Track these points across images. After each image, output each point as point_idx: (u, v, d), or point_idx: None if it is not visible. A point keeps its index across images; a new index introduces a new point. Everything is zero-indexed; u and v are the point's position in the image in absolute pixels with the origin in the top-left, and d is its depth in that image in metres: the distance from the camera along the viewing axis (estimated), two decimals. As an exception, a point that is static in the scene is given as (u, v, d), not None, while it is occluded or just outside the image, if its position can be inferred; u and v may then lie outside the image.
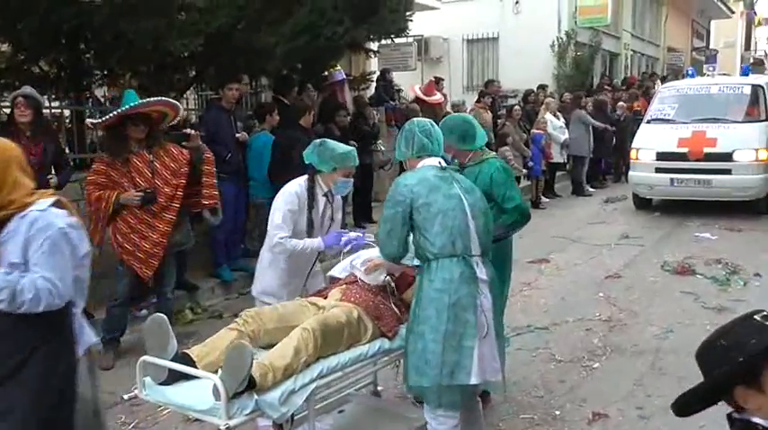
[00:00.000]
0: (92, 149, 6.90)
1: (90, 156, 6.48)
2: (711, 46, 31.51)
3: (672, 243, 8.39)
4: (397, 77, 12.31)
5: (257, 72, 8.33)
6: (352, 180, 3.82)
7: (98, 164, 4.89)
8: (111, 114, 4.80)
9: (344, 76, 9.43)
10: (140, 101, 4.73)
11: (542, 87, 13.58)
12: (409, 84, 11.56)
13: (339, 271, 3.67)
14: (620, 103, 13.52)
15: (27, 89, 5.31)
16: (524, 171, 10.68)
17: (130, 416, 4.14)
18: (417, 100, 9.57)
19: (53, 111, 6.88)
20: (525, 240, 6.85)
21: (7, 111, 6.93)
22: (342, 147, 3.77)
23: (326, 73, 9.20)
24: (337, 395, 3.67)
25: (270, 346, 2.95)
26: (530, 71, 15.58)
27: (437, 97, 9.71)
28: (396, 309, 3.30)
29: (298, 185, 3.77)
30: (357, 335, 3.09)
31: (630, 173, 10.63)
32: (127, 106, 4.69)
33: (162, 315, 2.91)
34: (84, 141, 6.84)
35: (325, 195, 3.83)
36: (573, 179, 12.39)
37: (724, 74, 13.92)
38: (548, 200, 11.42)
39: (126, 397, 2.94)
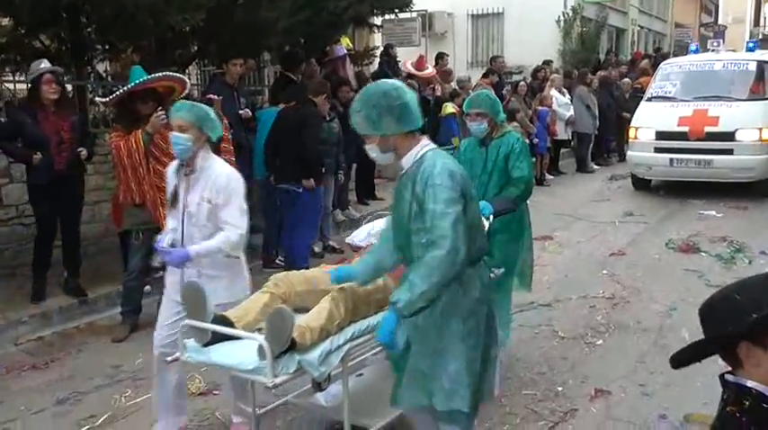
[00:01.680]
0: (95, 125, 6.86)
1: (94, 131, 6.47)
2: (720, 22, 31.13)
3: (676, 221, 8.35)
4: (401, 53, 12.19)
5: (259, 47, 8.25)
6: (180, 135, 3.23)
7: (116, 135, 4.94)
8: (119, 92, 4.79)
9: (346, 52, 9.34)
10: (147, 77, 4.73)
11: (547, 63, 13.44)
12: (420, 57, 11.44)
13: (360, 238, 3.80)
14: (625, 80, 13.37)
15: (47, 64, 5.29)
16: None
17: (135, 391, 4.16)
18: (410, 75, 9.53)
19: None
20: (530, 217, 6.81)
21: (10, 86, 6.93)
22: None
23: (327, 48, 9.12)
24: (357, 358, 3.73)
25: (300, 309, 3.07)
26: (535, 47, 15.41)
27: (428, 71, 9.69)
28: None
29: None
30: (384, 299, 3.06)
31: (629, 153, 10.32)
32: (135, 82, 4.69)
33: (196, 281, 3.06)
34: (86, 117, 6.81)
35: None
36: (577, 156, 12.32)
37: (730, 50, 13.64)
38: (552, 177, 11.37)
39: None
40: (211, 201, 3.20)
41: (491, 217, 3.90)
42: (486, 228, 3.77)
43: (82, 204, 5.72)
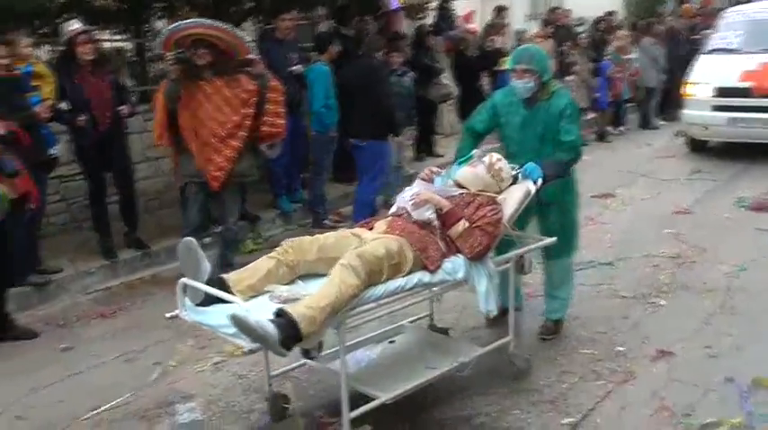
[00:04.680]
0: (153, 82, 6.95)
1: (152, 88, 6.54)
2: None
3: (748, 178, 7.94)
4: (458, 6, 11.87)
5: (312, 2, 8.15)
6: None
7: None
8: (163, 36, 4.79)
9: (400, 5, 9.13)
10: (182, 22, 4.75)
11: (610, 14, 12.86)
12: (471, 11, 11.15)
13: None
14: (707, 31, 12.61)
15: (78, 24, 5.34)
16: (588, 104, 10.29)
17: (196, 340, 4.26)
18: (467, 30, 9.49)
19: (115, 44, 6.94)
20: (590, 174, 6.64)
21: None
22: None
23: (380, 1, 8.92)
24: (390, 325, 3.71)
25: (310, 275, 3.02)
26: (597, -3, 14.73)
27: (471, 26, 9.80)
28: (441, 244, 3.21)
29: None
30: (397, 266, 3.01)
31: (684, 111, 9.42)
32: (174, 27, 4.71)
33: (191, 239, 3.01)
34: (146, 74, 6.90)
35: None
36: (641, 111, 11.86)
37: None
38: (614, 133, 11.00)
39: (168, 316, 3.04)
40: None
41: (539, 180, 3.68)
42: (533, 193, 3.66)
43: (129, 161, 5.83)
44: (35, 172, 4.71)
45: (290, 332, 2.60)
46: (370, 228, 3.33)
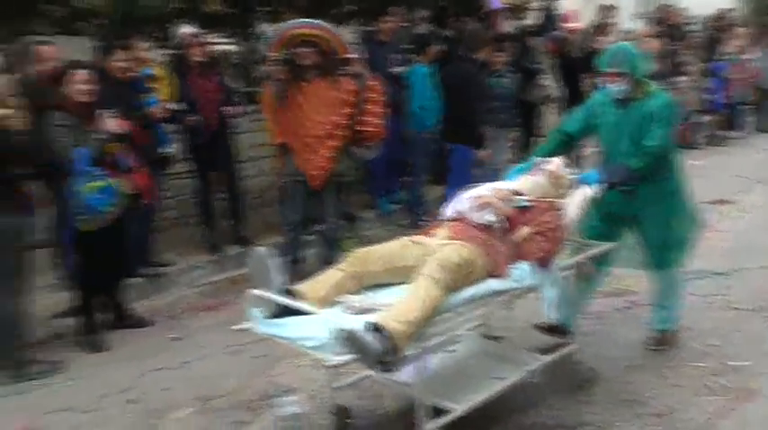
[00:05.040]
0: (257, 83, 7.17)
1: (256, 90, 6.76)
2: None
3: None
4: (562, 6, 11.57)
5: (412, 3, 8.17)
6: None
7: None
8: (273, 36, 4.93)
9: (502, 4, 8.98)
10: (290, 21, 4.94)
11: (726, 12, 12.15)
12: (573, 11, 10.86)
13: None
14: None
15: (191, 28, 5.61)
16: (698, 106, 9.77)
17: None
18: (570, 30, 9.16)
19: (222, 48, 7.23)
20: (704, 180, 6.31)
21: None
22: None
23: (481, 1, 8.82)
24: (447, 334, 3.51)
25: (373, 286, 2.98)
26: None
27: (573, 26, 9.40)
28: (504, 250, 3.11)
29: None
30: (469, 274, 2.93)
31: None
32: (284, 26, 4.89)
33: (264, 248, 2.97)
34: (249, 76, 7.14)
35: None
36: (760, 114, 11.12)
37: None
38: (730, 136, 10.38)
39: (236, 328, 3.03)
40: None
41: (597, 185, 3.55)
42: (587, 198, 3.52)
43: (235, 159, 6.04)
44: (150, 169, 4.97)
45: (388, 346, 2.56)
46: (429, 235, 3.24)
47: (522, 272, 3.09)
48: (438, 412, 2.90)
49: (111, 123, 4.33)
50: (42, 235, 4.49)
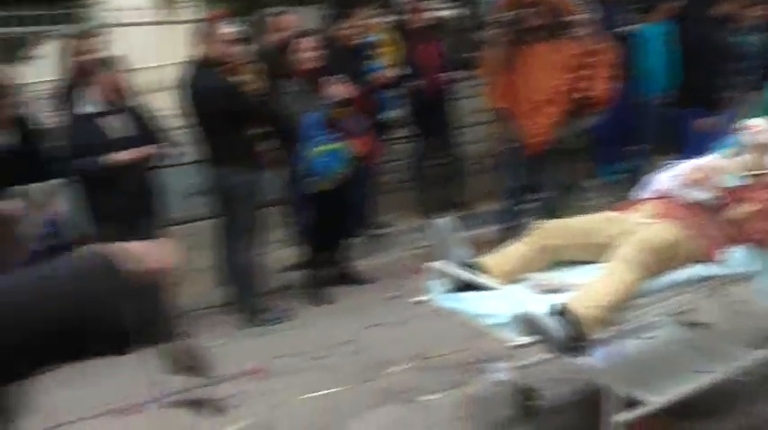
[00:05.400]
0: (478, 48, 7.08)
1: (476, 55, 6.68)
2: None
3: None
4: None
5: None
6: None
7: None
8: None
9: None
10: None
11: None
12: None
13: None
14: None
15: None
16: None
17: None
18: None
19: (443, 14, 7.24)
20: None
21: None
22: None
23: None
24: (649, 319, 3.16)
25: (565, 262, 2.78)
26: None
27: None
28: (718, 231, 2.75)
29: None
30: (672, 259, 2.60)
31: None
32: None
33: (444, 220, 2.86)
34: (468, 41, 7.08)
35: None
36: None
37: None
38: None
39: (413, 301, 2.95)
40: None
41: None
42: None
43: (453, 126, 6.00)
44: (374, 133, 5.14)
45: (574, 332, 2.38)
46: (632, 211, 2.94)
47: (736, 257, 2.74)
48: (630, 403, 2.64)
49: (339, 89, 4.51)
50: (276, 194, 4.86)
